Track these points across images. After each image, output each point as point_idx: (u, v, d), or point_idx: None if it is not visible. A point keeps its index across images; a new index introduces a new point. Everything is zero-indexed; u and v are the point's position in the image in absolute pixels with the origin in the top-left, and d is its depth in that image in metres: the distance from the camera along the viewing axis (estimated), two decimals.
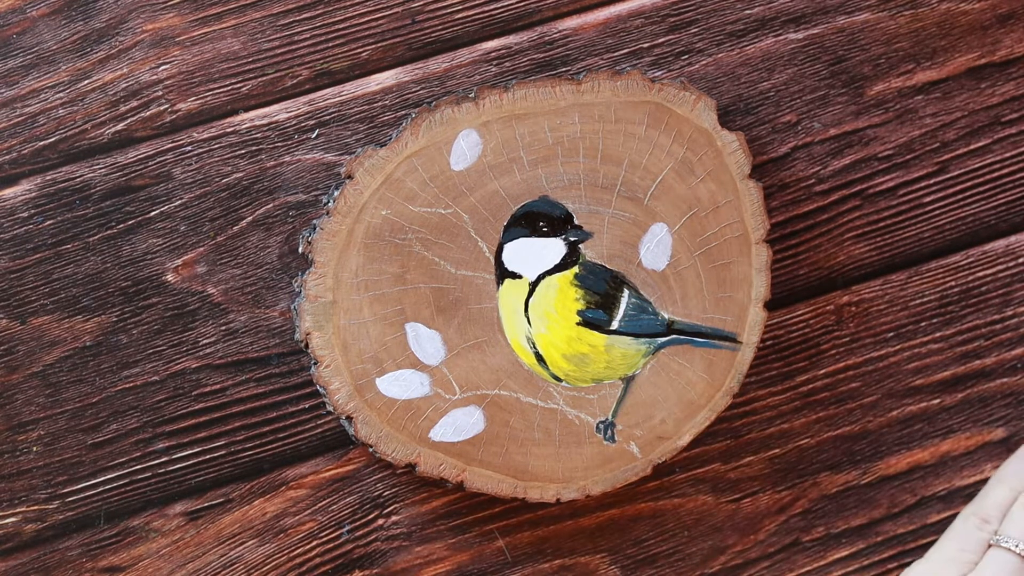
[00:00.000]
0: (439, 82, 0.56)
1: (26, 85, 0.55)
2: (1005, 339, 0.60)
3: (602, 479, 0.56)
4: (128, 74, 0.55)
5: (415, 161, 0.54)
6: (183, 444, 0.56)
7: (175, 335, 0.56)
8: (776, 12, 0.57)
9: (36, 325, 0.55)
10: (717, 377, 0.56)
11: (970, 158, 0.59)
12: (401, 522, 0.58)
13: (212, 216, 0.56)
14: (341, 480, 0.57)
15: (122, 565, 0.57)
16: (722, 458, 0.59)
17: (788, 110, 0.58)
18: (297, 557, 0.57)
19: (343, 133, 0.56)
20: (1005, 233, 0.60)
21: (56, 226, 0.55)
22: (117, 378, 0.56)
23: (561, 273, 0.55)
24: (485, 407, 0.55)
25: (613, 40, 0.57)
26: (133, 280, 0.56)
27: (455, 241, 0.55)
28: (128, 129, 0.55)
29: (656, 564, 0.59)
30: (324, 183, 0.56)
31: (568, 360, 0.55)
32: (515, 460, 0.56)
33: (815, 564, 0.60)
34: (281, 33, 0.56)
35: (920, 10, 0.58)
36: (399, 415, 0.55)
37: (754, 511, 0.60)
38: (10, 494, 0.56)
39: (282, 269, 0.56)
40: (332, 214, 0.54)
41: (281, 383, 0.57)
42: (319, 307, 0.54)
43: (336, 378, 0.54)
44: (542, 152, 0.55)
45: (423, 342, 0.55)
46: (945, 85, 0.59)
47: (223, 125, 0.56)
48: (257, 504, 0.57)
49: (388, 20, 0.56)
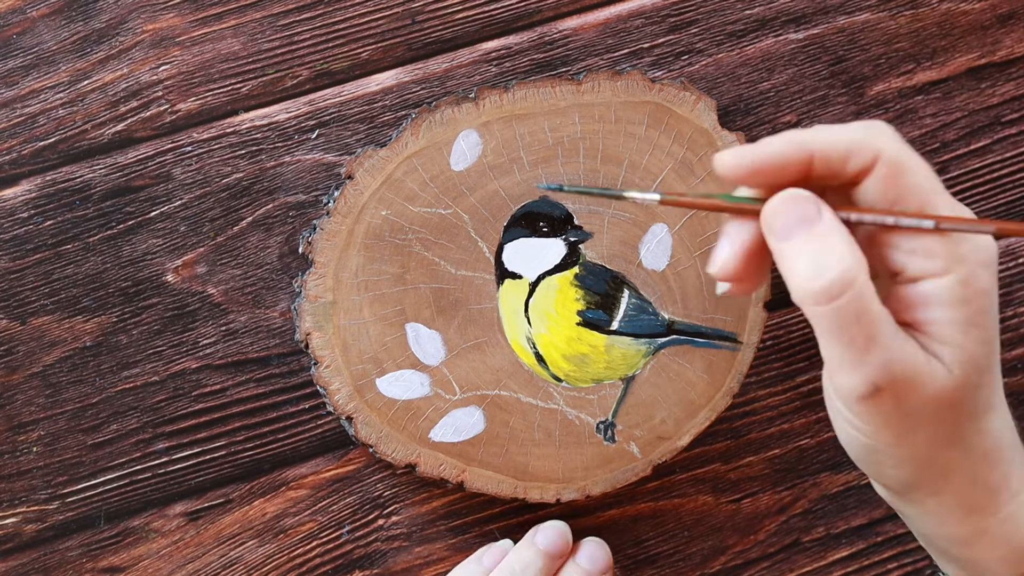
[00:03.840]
0: (439, 82, 0.56)
1: (26, 85, 0.55)
2: (1005, 339, 0.60)
3: (602, 479, 0.56)
4: (128, 74, 0.55)
5: (415, 161, 0.54)
6: (183, 444, 0.56)
7: (175, 335, 0.56)
8: (776, 12, 0.57)
9: (36, 325, 0.55)
10: (717, 377, 0.56)
11: (970, 158, 0.59)
12: (401, 522, 0.58)
13: (212, 216, 0.56)
14: (341, 480, 0.57)
15: (122, 565, 0.57)
16: (722, 458, 0.59)
17: (788, 110, 0.58)
18: (297, 557, 0.57)
19: (343, 133, 0.56)
20: None
21: (56, 226, 0.55)
22: (117, 378, 0.56)
23: (561, 273, 0.55)
24: (485, 407, 0.55)
25: (613, 40, 0.57)
26: (133, 280, 0.56)
27: (455, 241, 0.55)
28: (128, 129, 0.55)
29: (656, 564, 0.59)
30: (324, 183, 0.56)
31: (568, 360, 0.55)
32: (515, 460, 0.56)
33: (815, 564, 0.60)
34: (281, 33, 0.56)
35: (920, 10, 0.58)
36: (399, 415, 0.55)
37: (754, 511, 0.60)
38: (10, 494, 0.56)
39: (282, 269, 0.56)
40: (332, 214, 0.54)
41: (281, 383, 0.57)
42: (319, 307, 0.54)
43: (336, 378, 0.54)
44: (542, 152, 0.55)
45: (423, 342, 0.55)
46: (945, 85, 0.59)
47: (223, 125, 0.56)
48: (257, 504, 0.57)
49: (388, 20, 0.56)
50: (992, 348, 0.44)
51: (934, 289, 0.43)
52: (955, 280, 0.42)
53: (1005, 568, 0.47)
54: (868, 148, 0.42)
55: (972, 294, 0.43)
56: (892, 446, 0.45)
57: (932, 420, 0.44)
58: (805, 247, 0.42)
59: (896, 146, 0.43)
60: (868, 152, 0.42)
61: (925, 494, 0.47)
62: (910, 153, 0.43)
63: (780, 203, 0.43)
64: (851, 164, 0.43)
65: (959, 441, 0.45)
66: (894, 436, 0.44)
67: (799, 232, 0.42)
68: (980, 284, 0.43)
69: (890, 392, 0.43)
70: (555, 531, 0.55)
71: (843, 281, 0.41)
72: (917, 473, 0.46)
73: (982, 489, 0.46)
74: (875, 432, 0.44)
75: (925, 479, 0.46)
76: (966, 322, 0.43)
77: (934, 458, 0.45)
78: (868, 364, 0.42)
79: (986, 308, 0.43)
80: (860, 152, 0.42)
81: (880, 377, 0.42)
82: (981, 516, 0.46)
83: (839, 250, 0.41)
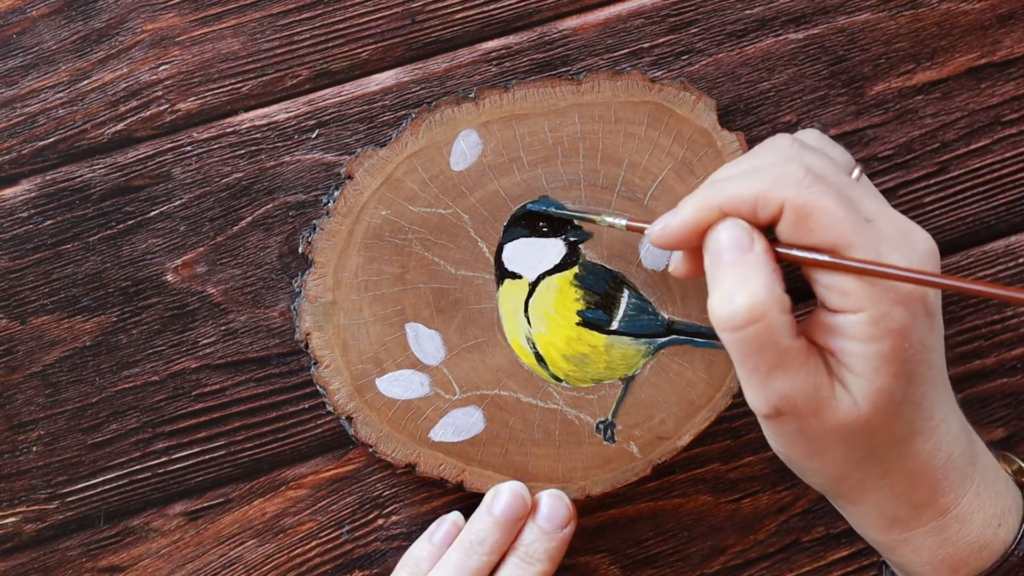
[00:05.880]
0: (439, 82, 0.56)
1: (26, 85, 0.55)
2: (1005, 339, 0.60)
3: (602, 479, 0.56)
4: (128, 74, 0.55)
5: (415, 161, 0.54)
6: (183, 444, 0.56)
7: (175, 335, 0.56)
8: (776, 12, 0.57)
9: (36, 325, 0.55)
10: (717, 377, 0.56)
11: (970, 158, 0.59)
12: (401, 522, 0.58)
13: (212, 216, 0.56)
14: (341, 480, 0.57)
15: (122, 565, 0.57)
16: (722, 458, 0.59)
17: (788, 110, 0.58)
18: (297, 557, 0.57)
19: (343, 133, 0.56)
20: (1005, 233, 0.60)
21: (56, 226, 0.55)
22: (117, 378, 0.56)
23: (561, 273, 0.55)
24: (485, 407, 0.55)
25: (613, 40, 0.57)
26: (133, 280, 0.56)
27: (455, 241, 0.55)
28: (128, 129, 0.55)
29: (656, 564, 0.59)
30: (324, 183, 0.56)
31: (568, 360, 0.55)
32: (515, 460, 0.56)
33: (815, 564, 0.60)
34: (281, 33, 0.56)
35: (920, 10, 0.58)
36: (399, 415, 0.55)
37: (754, 511, 0.60)
38: (10, 494, 0.56)
39: (282, 269, 0.56)
40: (332, 214, 0.54)
41: (281, 383, 0.57)
42: (319, 307, 0.54)
43: (336, 378, 0.54)
44: (542, 152, 0.55)
45: (423, 342, 0.55)
46: (945, 85, 0.59)
47: (223, 125, 0.56)
48: (257, 504, 0.57)
49: (388, 20, 0.56)
50: (913, 381, 0.45)
51: (847, 324, 0.44)
52: (866, 319, 0.44)
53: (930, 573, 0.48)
54: (773, 199, 0.44)
55: (883, 333, 0.44)
56: (801, 460, 0.47)
57: (842, 443, 0.46)
58: (728, 272, 0.44)
59: (802, 193, 0.44)
60: (773, 203, 0.44)
61: (846, 502, 0.49)
62: (820, 196, 0.44)
63: (720, 229, 0.45)
64: (760, 215, 0.45)
65: (875, 462, 0.47)
66: (803, 453, 0.47)
67: (728, 257, 0.44)
68: (894, 324, 0.44)
69: (792, 417, 0.45)
70: (512, 495, 0.54)
71: (751, 313, 0.43)
72: (833, 485, 0.48)
73: (904, 506, 0.48)
74: (784, 447, 0.47)
75: (842, 491, 0.49)
76: (878, 358, 0.44)
77: (847, 474, 0.47)
78: (769, 389, 0.44)
79: (902, 345, 0.44)
80: (766, 204, 0.44)
81: (780, 403, 0.44)
82: (902, 529, 0.48)
83: (755, 283, 0.43)
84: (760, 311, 0.43)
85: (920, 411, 0.46)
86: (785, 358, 0.44)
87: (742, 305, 0.43)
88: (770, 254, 0.44)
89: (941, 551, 0.48)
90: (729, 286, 0.44)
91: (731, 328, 0.43)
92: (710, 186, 0.46)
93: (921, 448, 0.47)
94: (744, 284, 0.43)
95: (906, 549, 0.49)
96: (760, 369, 0.44)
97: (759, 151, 0.48)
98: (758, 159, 0.47)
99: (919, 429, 0.47)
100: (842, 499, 0.49)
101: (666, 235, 0.47)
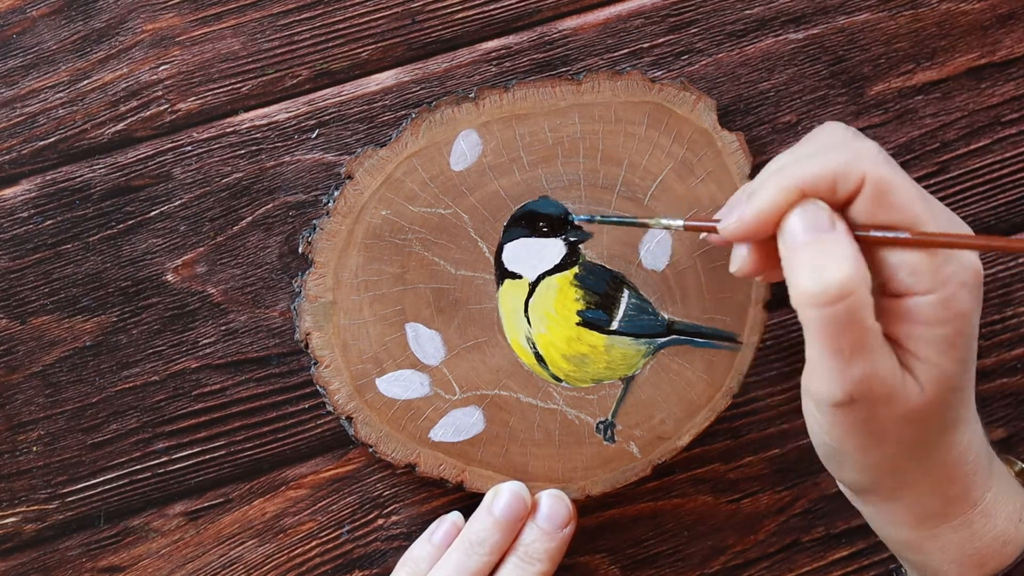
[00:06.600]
0: (439, 82, 0.56)
1: (26, 85, 0.55)
2: (1005, 339, 0.60)
3: (602, 479, 0.56)
4: (128, 74, 0.55)
5: (415, 161, 0.54)
6: (183, 444, 0.56)
7: (175, 335, 0.56)
8: (776, 12, 0.57)
9: (36, 325, 0.55)
10: (717, 377, 0.56)
11: (970, 158, 0.59)
12: (401, 522, 0.58)
13: (212, 216, 0.56)
14: (341, 480, 0.57)
15: (122, 565, 0.57)
16: (722, 458, 0.59)
17: (788, 110, 0.58)
18: (297, 557, 0.57)
19: (343, 133, 0.56)
20: (1005, 233, 0.60)
21: (56, 226, 0.55)
22: (117, 378, 0.56)
23: (561, 273, 0.55)
24: (485, 407, 0.55)
25: (613, 40, 0.57)
26: (133, 280, 0.56)
27: (455, 241, 0.55)
28: (128, 129, 0.55)
29: (656, 564, 0.59)
30: (324, 183, 0.56)
31: (568, 360, 0.55)
32: (515, 460, 0.56)
33: (815, 564, 0.60)
34: (281, 33, 0.56)
35: (920, 10, 0.58)
36: (399, 415, 0.55)
37: (754, 511, 0.60)
38: (10, 494, 0.56)
39: (282, 269, 0.56)
40: (332, 214, 0.54)
41: (281, 383, 0.57)
42: (319, 307, 0.54)
43: (336, 378, 0.54)
44: (542, 152, 0.55)
45: (423, 342, 0.55)
46: (945, 85, 0.59)
47: (223, 125, 0.56)
48: (257, 504, 0.57)
49: (388, 20, 0.56)
50: (967, 368, 0.45)
51: (916, 307, 0.44)
52: (936, 300, 0.43)
53: (956, 570, 0.48)
54: (853, 173, 0.43)
55: (952, 315, 0.43)
56: (856, 452, 0.46)
57: (898, 433, 0.45)
58: (812, 251, 0.43)
59: (880, 167, 0.43)
60: (854, 177, 0.43)
61: (882, 499, 0.48)
62: (894, 172, 0.44)
63: (797, 212, 0.44)
64: (839, 190, 0.44)
65: (922, 454, 0.46)
66: (859, 444, 0.45)
67: (810, 237, 0.43)
68: (960, 306, 0.43)
69: (864, 404, 0.44)
70: (512, 496, 0.54)
71: (842, 288, 0.42)
72: (877, 479, 0.47)
73: (939, 500, 0.47)
74: (841, 438, 0.46)
75: (884, 486, 0.48)
76: (944, 342, 0.44)
77: (895, 468, 0.46)
78: (848, 374, 0.43)
79: (965, 330, 0.44)
80: (846, 178, 0.44)
81: (857, 389, 0.43)
82: (934, 524, 0.48)
83: (844, 258, 0.42)
84: (851, 286, 0.42)
85: (964, 399, 0.46)
86: (868, 338, 0.42)
87: (833, 280, 0.42)
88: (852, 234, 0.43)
89: (969, 546, 0.48)
90: (818, 263, 0.42)
91: (822, 303, 0.42)
92: (778, 172, 0.45)
93: (960, 439, 0.46)
94: (832, 261, 0.42)
95: (934, 546, 0.48)
96: (843, 351, 0.42)
97: (814, 137, 0.47)
98: (816, 143, 0.46)
99: (962, 417, 0.46)
100: (877, 495, 0.48)
101: (744, 225, 0.45)
